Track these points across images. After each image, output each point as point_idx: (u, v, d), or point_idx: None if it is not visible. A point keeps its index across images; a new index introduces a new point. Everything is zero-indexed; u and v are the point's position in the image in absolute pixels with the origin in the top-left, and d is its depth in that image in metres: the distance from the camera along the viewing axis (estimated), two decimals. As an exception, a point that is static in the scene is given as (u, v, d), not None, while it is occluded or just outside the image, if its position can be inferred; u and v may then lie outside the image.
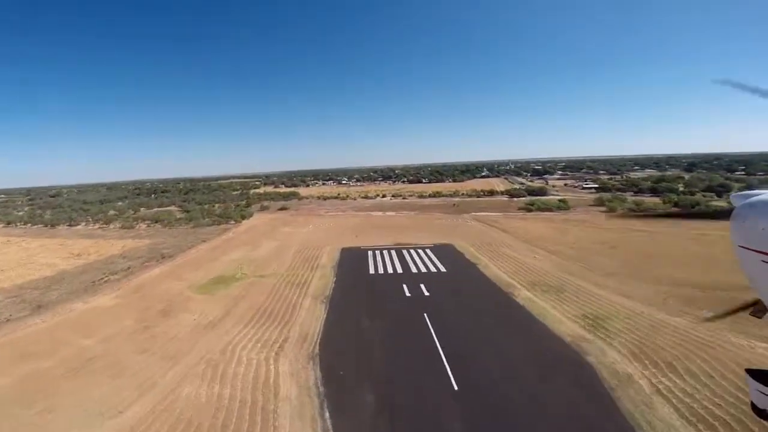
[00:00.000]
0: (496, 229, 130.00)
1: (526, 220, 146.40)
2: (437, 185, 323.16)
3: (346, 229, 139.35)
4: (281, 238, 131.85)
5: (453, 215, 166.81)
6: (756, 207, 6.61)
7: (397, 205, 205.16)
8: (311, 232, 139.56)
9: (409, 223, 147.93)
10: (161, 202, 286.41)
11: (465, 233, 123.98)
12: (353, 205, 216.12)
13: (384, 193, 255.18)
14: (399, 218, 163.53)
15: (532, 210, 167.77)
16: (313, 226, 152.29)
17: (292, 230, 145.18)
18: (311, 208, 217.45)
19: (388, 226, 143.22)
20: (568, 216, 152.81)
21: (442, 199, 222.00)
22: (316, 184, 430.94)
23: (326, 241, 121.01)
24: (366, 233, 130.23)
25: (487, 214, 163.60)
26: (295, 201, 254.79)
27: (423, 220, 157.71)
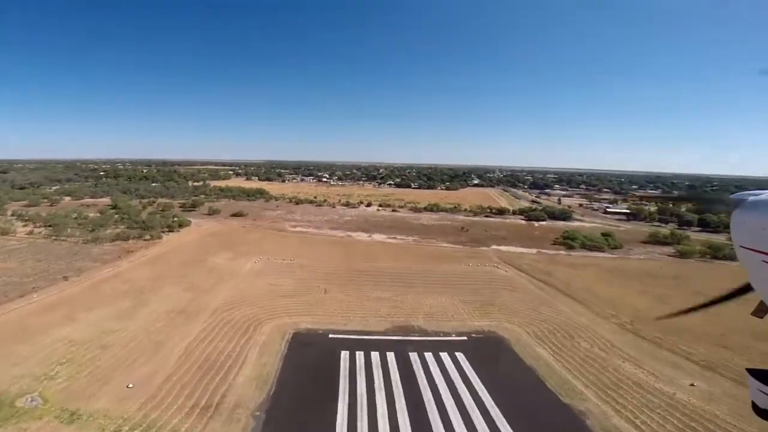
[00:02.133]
0: (552, 289, 79.66)
1: (581, 269, 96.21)
2: (429, 193, 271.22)
3: (314, 272, 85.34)
4: (201, 280, 77.03)
5: (468, 248, 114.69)
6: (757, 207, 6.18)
7: (388, 223, 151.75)
8: (257, 272, 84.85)
9: (411, 266, 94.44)
10: (100, 191, 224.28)
11: (508, 298, 72.89)
12: (331, 217, 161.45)
13: (369, 201, 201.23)
14: (394, 250, 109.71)
15: (573, 246, 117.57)
16: (266, 256, 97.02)
17: (228, 263, 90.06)
18: (277, 216, 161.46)
19: (379, 271, 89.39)
20: (634, 261, 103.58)
21: (442, 216, 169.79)
22: (294, 179, 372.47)
23: (272, 300, 67.22)
24: (344, 286, 76.81)
25: (515, 251, 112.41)
26: (260, 202, 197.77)
27: (429, 257, 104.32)
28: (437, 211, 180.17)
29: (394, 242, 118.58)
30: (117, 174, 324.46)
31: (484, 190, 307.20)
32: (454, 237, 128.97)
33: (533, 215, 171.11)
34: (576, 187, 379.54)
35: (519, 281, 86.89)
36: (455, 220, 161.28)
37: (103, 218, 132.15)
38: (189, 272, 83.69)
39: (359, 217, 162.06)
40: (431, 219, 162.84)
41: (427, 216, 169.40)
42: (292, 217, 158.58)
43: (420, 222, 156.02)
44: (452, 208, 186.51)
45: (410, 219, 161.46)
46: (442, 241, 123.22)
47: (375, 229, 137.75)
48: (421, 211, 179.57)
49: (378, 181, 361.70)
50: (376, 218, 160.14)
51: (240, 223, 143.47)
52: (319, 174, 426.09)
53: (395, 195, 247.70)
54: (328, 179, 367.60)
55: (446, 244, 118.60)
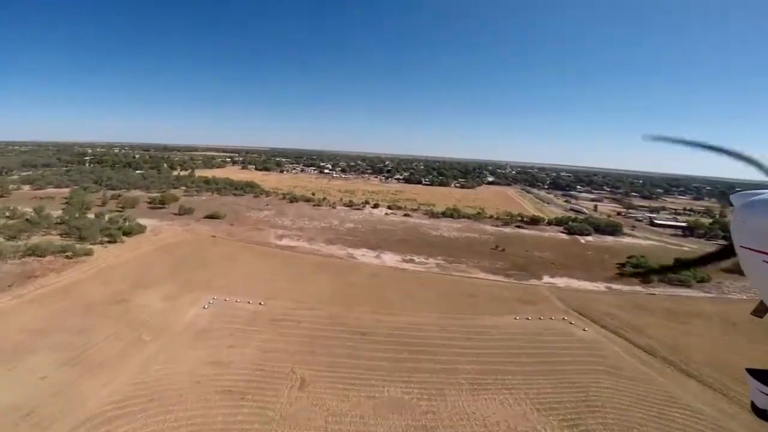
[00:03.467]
0: (667, 366, 49.31)
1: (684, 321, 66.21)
2: (443, 192, 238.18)
3: (290, 333, 54.00)
4: (101, 342, 47.04)
5: (514, 281, 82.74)
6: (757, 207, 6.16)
7: (400, 234, 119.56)
8: (198, 331, 53.57)
9: (442, 320, 62.53)
10: (68, 179, 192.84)
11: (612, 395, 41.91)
12: (330, 223, 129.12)
13: (376, 202, 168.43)
14: (413, 286, 77.35)
15: (649, 280, 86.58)
16: (225, 294, 65.30)
17: (163, 305, 58.91)
18: (263, 219, 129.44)
19: (394, 332, 58.09)
20: (738, 302, 71.11)
21: (466, 226, 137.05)
22: (294, 170, 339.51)
23: (203, 406, 36.17)
24: (335, 369, 45.40)
25: (578, 286, 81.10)
26: (248, 199, 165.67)
27: (465, 299, 72.21)
28: (458, 217, 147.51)
29: (411, 269, 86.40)
30: (101, 160, 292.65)
31: (502, 190, 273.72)
32: (489, 261, 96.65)
33: (575, 228, 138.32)
34: (599, 189, 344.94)
35: (611, 351, 55.65)
36: (483, 232, 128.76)
37: (33, 220, 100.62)
38: (92, 324, 52.50)
39: (364, 223, 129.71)
40: (453, 229, 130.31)
41: (447, 224, 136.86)
42: (280, 221, 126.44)
43: (440, 234, 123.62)
44: (476, 214, 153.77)
45: (427, 229, 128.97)
46: (474, 266, 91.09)
47: (385, 244, 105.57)
48: (439, 217, 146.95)
49: (384, 174, 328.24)
50: (385, 226, 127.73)
51: (212, 229, 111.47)
52: (321, 165, 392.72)
53: (405, 193, 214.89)
54: (331, 171, 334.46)
55: (482, 273, 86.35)
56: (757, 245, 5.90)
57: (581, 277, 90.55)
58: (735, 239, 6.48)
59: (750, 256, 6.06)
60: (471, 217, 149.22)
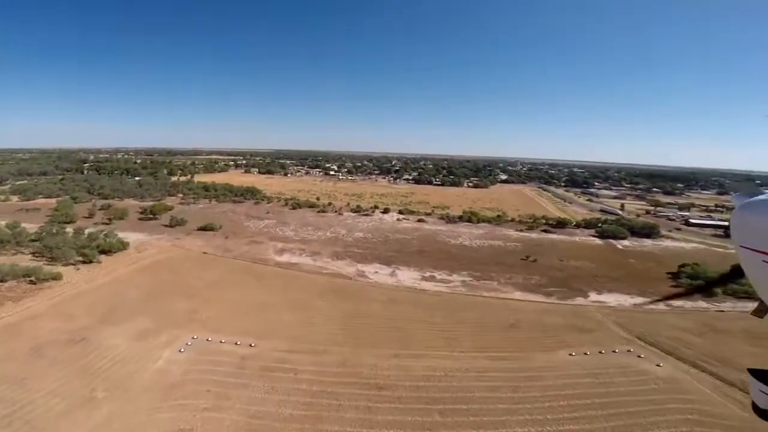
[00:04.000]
0: None
1: None
2: (456, 192, 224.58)
3: (285, 388, 41.12)
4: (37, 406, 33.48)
5: (556, 301, 69.20)
6: (757, 207, 6.14)
7: (416, 244, 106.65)
8: (167, 386, 40.75)
9: (479, 361, 49.10)
10: (58, 189, 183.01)
11: None
12: (337, 232, 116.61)
13: (386, 206, 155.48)
14: (438, 314, 63.91)
15: (712, 293, 72.83)
16: (208, 333, 52.85)
17: (129, 347, 46.55)
18: (262, 230, 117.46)
19: (419, 387, 44.92)
20: None
21: (488, 231, 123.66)
22: (298, 172, 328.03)
23: None
24: None
25: (631, 303, 66.82)
26: (248, 206, 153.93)
27: (502, 331, 58.77)
28: (477, 221, 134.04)
29: (433, 290, 73.34)
30: (100, 167, 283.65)
31: (518, 189, 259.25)
32: (522, 275, 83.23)
33: (609, 231, 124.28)
34: (617, 185, 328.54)
35: (699, 393, 43.66)
36: (508, 239, 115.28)
37: (3, 237, 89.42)
38: (37, 372, 40.65)
39: (375, 232, 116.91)
40: (475, 236, 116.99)
41: (466, 231, 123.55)
42: (282, 232, 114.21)
43: (461, 242, 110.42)
44: (496, 217, 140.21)
45: (445, 236, 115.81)
46: (507, 283, 77.84)
47: (400, 257, 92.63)
48: (457, 222, 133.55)
49: (392, 175, 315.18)
50: (399, 235, 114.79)
51: (205, 243, 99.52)
52: (326, 166, 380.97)
53: (415, 194, 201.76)
54: (336, 172, 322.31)
55: (518, 292, 73.05)
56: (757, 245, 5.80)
57: (632, 291, 77.07)
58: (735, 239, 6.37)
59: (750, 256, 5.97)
60: (491, 221, 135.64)
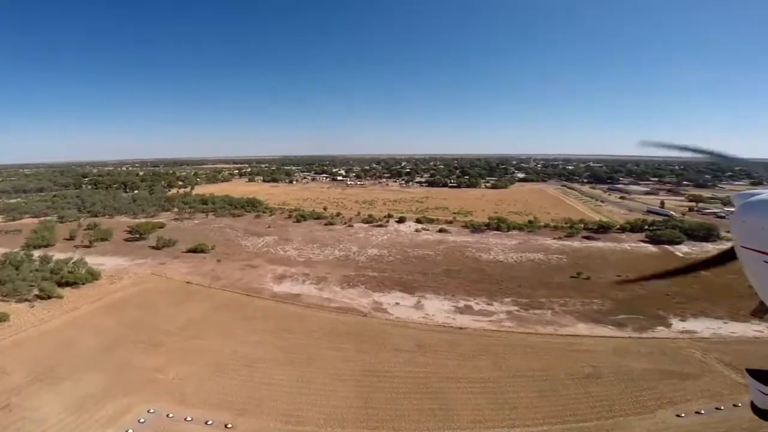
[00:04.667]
0: None
1: None
2: (474, 194, 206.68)
3: None
4: None
5: (630, 330, 51.04)
6: (757, 207, 6.15)
7: (442, 262, 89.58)
8: None
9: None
10: (46, 206, 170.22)
11: None
12: (346, 250, 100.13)
13: (401, 214, 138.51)
14: (481, 369, 46.19)
15: None
16: (164, 412, 36.00)
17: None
18: (261, 250, 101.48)
19: None
20: None
21: (523, 241, 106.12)
22: (304, 179, 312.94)
23: None
24: None
25: (732, 333, 48.61)
26: (247, 220, 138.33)
27: (581, 385, 40.40)
28: (507, 229, 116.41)
29: (472, 327, 56.15)
30: (97, 181, 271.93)
31: (540, 188, 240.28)
32: (578, 298, 65.53)
33: (663, 235, 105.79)
34: (643, 179, 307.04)
35: None
36: (548, 250, 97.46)
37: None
38: None
39: (392, 248, 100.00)
40: (509, 248, 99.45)
41: (497, 241, 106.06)
42: (283, 252, 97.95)
43: (494, 257, 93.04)
44: (527, 223, 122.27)
45: (475, 250, 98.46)
46: (563, 311, 60.32)
47: (424, 281, 75.56)
48: (484, 231, 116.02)
49: (403, 178, 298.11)
50: (420, 251, 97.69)
51: (192, 269, 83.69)
52: (334, 171, 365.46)
53: (431, 198, 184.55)
54: (344, 178, 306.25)
55: (581, 324, 55.49)
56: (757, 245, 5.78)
57: (720, 314, 60.04)
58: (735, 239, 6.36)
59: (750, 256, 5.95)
60: (523, 229, 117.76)
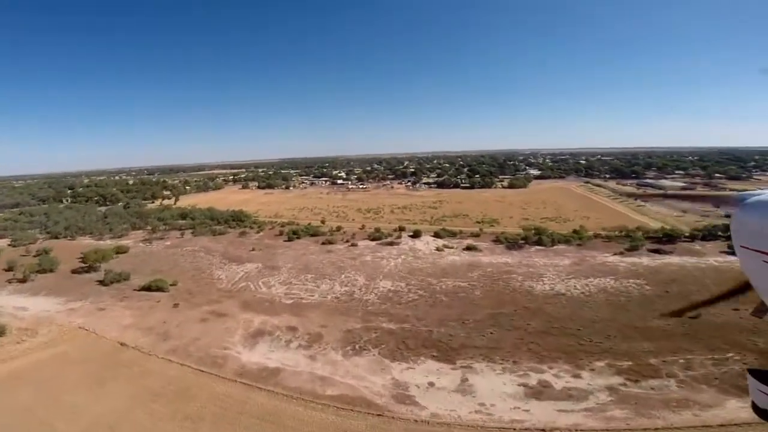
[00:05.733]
0: None
1: None
2: (492, 196, 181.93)
3: None
4: None
5: None
6: (757, 207, 6.04)
7: (483, 300, 64.65)
8: None
9: None
10: (13, 224, 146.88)
11: None
12: (350, 279, 75.54)
13: (414, 225, 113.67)
14: None
15: None
16: None
17: None
18: (237, 284, 77.02)
19: None
20: None
21: (578, 259, 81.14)
22: (302, 183, 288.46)
23: None
24: None
25: None
26: (229, 239, 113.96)
27: None
28: (551, 243, 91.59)
29: (559, 425, 32.18)
30: (77, 194, 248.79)
31: (561, 186, 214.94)
32: (703, 353, 40.62)
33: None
34: (669, 172, 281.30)
35: None
36: (616, 272, 72.42)
37: None
38: None
39: (411, 278, 75.24)
40: (564, 271, 74.49)
41: (544, 260, 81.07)
42: (264, 288, 73.29)
43: (549, 287, 68.13)
44: (572, 234, 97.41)
45: (520, 276, 73.53)
46: (694, 382, 35.08)
47: (464, 339, 50.15)
48: (522, 246, 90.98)
49: (409, 179, 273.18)
50: (448, 281, 72.78)
51: (135, 320, 59.26)
52: (334, 173, 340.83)
53: (445, 202, 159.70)
54: (345, 181, 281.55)
55: (733, 401, 31.52)
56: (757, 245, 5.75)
57: None
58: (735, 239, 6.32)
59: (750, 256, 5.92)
60: (570, 241, 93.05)
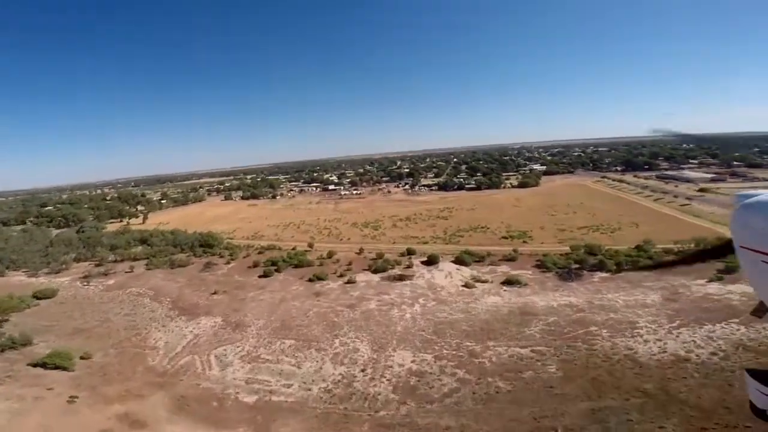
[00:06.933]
0: None
1: None
2: (506, 199, 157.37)
3: None
4: None
5: None
6: (756, 207, 6.03)
7: (565, 382, 38.97)
8: None
9: None
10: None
11: None
12: (347, 345, 49.77)
13: (425, 243, 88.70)
14: None
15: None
16: None
17: None
18: (181, 354, 50.46)
19: None
20: None
21: (669, 295, 56.18)
22: (291, 191, 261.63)
23: None
24: None
25: None
26: (190, 275, 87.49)
27: None
28: (616, 268, 66.76)
29: None
30: (41, 213, 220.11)
31: (576, 182, 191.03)
32: None
33: None
34: (683, 162, 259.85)
35: None
36: (735, 312, 47.69)
37: None
38: None
39: (436, 339, 48.96)
40: (661, 318, 49.26)
41: (622, 298, 56.05)
42: (217, 370, 46.13)
43: (658, 349, 43.15)
44: (638, 252, 72.87)
45: (606, 332, 48.23)
46: None
47: None
48: (582, 275, 65.80)
49: (406, 181, 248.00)
50: (498, 347, 46.95)
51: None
52: (325, 177, 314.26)
53: (455, 209, 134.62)
54: (337, 186, 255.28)
55: None
56: (757, 245, 5.70)
57: None
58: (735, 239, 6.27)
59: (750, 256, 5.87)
60: (636, 260, 68.49)
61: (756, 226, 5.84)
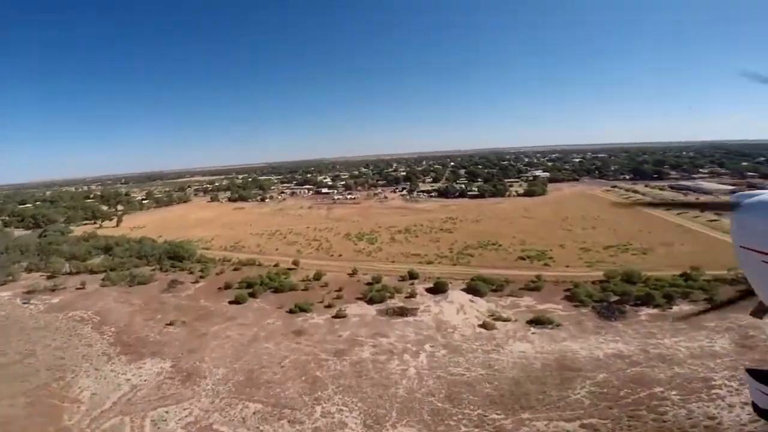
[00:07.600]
0: None
1: None
2: (513, 208, 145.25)
3: None
4: None
5: None
6: (756, 207, 5.86)
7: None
8: None
9: None
10: None
11: None
12: (336, 427, 36.26)
13: (429, 264, 75.97)
14: None
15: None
16: None
17: None
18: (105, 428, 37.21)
19: None
20: None
21: (735, 335, 43.87)
22: (282, 193, 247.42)
23: None
24: None
25: None
26: (150, 294, 73.67)
27: None
28: (665, 301, 54.51)
29: None
30: (14, 212, 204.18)
31: (582, 191, 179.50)
32: None
33: None
34: (691, 171, 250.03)
35: None
36: None
37: None
38: None
39: (451, 408, 35.93)
40: (731, 366, 38.14)
41: (685, 344, 43.57)
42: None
43: (747, 416, 31.50)
44: (689, 279, 60.72)
45: (670, 391, 36.41)
46: None
47: None
48: (625, 312, 53.17)
49: (403, 185, 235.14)
50: (536, 420, 34.63)
51: None
52: (319, 179, 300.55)
53: (459, 220, 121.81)
54: (330, 189, 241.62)
55: None
56: (757, 245, 5.62)
57: None
58: (735, 239, 6.20)
59: (750, 256, 5.80)
60: (686, 293, 56.41)
61: (756, 226, 5.65)
